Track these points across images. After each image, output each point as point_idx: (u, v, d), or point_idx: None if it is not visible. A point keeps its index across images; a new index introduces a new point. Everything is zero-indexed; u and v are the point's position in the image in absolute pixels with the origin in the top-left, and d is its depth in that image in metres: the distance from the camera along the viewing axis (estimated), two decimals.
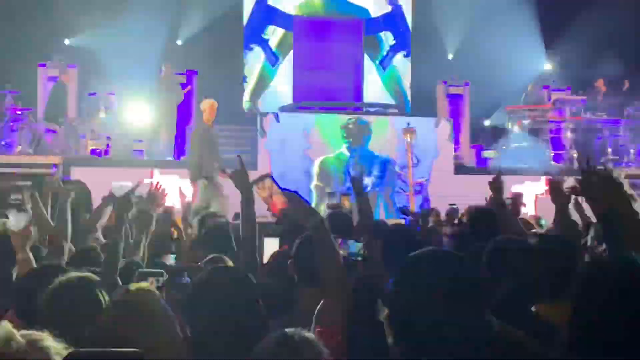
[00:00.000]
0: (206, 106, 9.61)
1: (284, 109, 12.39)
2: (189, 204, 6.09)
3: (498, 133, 13.34)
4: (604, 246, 3.61)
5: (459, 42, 14.48)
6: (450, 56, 14.74)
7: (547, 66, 14.65)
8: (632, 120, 12.42)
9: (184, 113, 12.40)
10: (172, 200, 5.80)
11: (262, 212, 3.68)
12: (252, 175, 3.48)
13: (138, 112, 12.18)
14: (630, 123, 12.44)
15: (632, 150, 12.43)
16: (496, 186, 4.63)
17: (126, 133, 11.91)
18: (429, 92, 13.59)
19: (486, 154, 12.93)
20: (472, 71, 13.44)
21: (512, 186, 7.95)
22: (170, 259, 4.73)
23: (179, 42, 13.86)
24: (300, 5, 14.21)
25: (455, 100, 13.60)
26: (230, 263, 3.46)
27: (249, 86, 14.11)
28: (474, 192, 9.03)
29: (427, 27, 14.20)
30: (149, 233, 4.01)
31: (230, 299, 2.25)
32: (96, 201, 6.13)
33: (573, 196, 3.78)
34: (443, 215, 6.87)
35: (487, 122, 14.12)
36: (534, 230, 5.22)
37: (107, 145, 11.58)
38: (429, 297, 1.78)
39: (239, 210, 3.47)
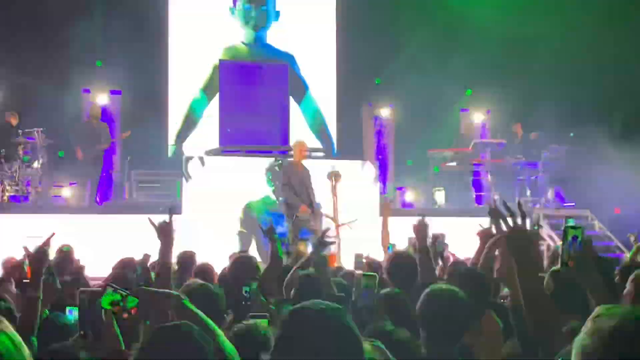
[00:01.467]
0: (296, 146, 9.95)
1: (209, 152, 12.30)
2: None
3: (422, 174, 13.64)
4: None
5: (384, 67, 14.66)
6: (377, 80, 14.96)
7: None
8: (549, 162, 12.89)
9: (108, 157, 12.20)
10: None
11: None
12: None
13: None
14: (548, 165, 12.91)
15: (549, 191, 12.89)
16: (420, 230, 4.65)
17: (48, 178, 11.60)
18: (357, 130, 13.81)
19: (409, 195, 13.18)
20: (398, 96, 13.85)
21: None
22: None
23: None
24: (226, 49, 14.33)
25: (381, 122, 13.98)
26: None
27: (175, 128, 14.01)
28: (399, 234, 9.16)
29: (351, 52, 14.42)
30: None
31: None
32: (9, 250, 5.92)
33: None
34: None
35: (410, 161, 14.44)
36: None
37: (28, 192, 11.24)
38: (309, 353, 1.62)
39: None
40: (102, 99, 12.91)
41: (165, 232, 3.52)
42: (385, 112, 14.27)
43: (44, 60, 12.44)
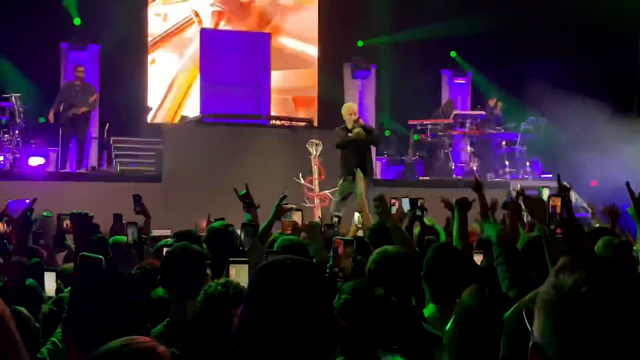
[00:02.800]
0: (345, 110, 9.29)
1: (190, 121, 12.24)
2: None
3: (402, 144, 13.70)
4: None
5: (367, 28, 14.59)
6: (359, 43, 14.90)
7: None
8: (527, 134, 12.99)
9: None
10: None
11: None
12: None
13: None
14: (526, 137, 13.02)
15: (527, 163, 13.01)
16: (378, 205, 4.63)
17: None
18: (339, 95, 13.78)
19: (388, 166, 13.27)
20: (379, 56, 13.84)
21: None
22: None
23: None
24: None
25: (362, 76, 13.93)
26: None
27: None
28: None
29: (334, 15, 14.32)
30: None
31: None
32: None
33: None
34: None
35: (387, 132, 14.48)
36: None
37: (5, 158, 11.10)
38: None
39: None
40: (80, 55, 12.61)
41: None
42: (366, 73, 14.16)
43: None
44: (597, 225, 6.35)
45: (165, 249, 3.81)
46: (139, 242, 4.51)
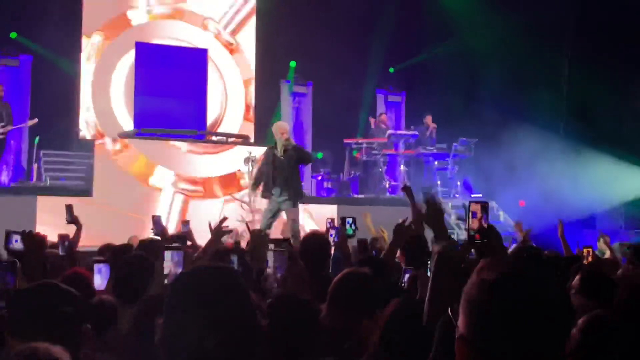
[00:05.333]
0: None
1: (123, 134, 12.05)
2: None
3: (338, 163, 13.83)
4: None
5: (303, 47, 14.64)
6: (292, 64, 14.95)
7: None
8: (458, 154, 13.32)
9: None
10: None
11: None
12: None
13: None
14: (457, 157, 13.34)
15: (458, 183, 13.33)
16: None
17: None
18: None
19: (326, 184, 13.35)
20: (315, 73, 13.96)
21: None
22: None
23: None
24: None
25: (300, 98, 14.05)
26: None
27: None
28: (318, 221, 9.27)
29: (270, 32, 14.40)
30: None
31: None
32: None
33: None
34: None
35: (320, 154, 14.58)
36: None
37: None
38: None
39: None
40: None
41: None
42: (302, 89, 14.25)
43: None
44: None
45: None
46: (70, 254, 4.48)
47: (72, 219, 5.75)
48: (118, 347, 2.75)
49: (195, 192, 11.44)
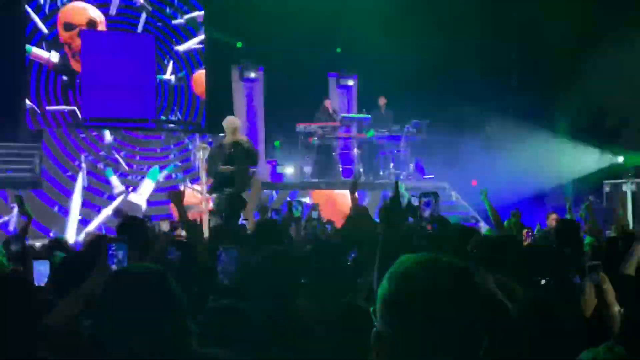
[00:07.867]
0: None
1: (71, 125, 11.83)
2: None
3: (291, 147, 13.80)
4: None
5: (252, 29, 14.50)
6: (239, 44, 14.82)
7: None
8: (410, 136, 13.37)
9: None
10: None
11: None
12: None
13: None
14: (409, 139, 13.40)
15: (411, 165, 13.41)
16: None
17: None
18: (227, 98, 13.68)
19: (280, 169, 13.31)
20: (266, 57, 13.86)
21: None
22: None
23: None
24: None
25: (250, 84, 13.96)
26: None
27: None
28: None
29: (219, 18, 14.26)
30: None
31: None
32: None
33: None
34: None
35: (277, 142, 14.54)
36: None
37: None
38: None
39: None
40: None
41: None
42: (255, 74, 14.12)
43: None
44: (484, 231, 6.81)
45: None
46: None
47: (23, 211, 5.68)
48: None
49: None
